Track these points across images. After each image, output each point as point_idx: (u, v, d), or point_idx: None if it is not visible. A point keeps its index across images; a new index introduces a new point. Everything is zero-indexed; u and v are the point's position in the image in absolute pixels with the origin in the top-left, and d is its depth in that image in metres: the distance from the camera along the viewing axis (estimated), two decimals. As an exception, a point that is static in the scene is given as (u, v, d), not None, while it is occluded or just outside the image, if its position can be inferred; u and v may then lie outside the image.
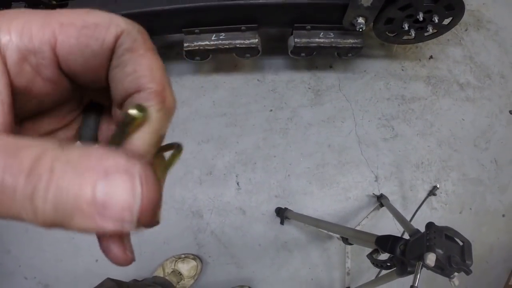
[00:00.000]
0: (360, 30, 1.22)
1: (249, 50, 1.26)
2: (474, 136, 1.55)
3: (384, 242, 0.90)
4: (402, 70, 1.52)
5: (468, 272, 0.77)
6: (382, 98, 1.46)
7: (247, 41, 1.24)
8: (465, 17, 1.73)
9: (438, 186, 1.44)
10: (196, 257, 1.25)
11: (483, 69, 1.66)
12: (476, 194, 1.51)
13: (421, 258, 0.76)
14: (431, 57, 1.58)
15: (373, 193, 1.36)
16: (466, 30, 1.69)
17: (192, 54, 1.28)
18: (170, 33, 1.32)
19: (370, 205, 1.35)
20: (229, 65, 1.42)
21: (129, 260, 0.17)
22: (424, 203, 1.41)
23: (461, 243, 0.82)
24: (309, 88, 1.42)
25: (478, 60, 1.66)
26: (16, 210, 0.13)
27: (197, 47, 1.25)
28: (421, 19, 1.25)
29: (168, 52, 1.42)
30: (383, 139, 1.42)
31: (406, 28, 1.30)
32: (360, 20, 1.21)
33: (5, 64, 0.15)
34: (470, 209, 1.50)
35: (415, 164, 1.43)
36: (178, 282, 1.21)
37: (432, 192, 1.43)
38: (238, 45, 1.25)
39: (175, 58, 1.41)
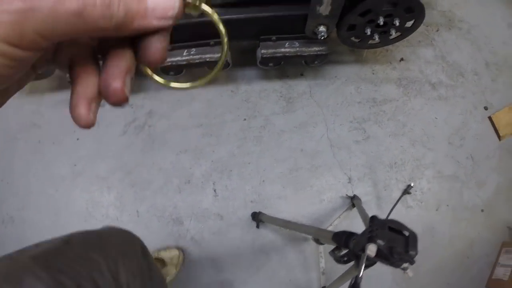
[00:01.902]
0: (322, 38, 1.28)
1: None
2: (448, 134, 1.59)
3: (340, 238, 0.95)
4: (373, 73, 1.57)
5: (411, 262, 0.81)
6: (353, 102, 1.51)
7: (216, 55, 1.31)
8: (437, 18, 1.78)
9: (412, 184, 1.47)
10: (179, 249, 1.29)
11: (456, 68, 1.69)
12: (452, 190, 1.54)
13: (364, 249, 0.81)
14: (401, 59, 1.63)
15: (346, 194, 1.40)
16: (437, 30, 1.74)
17: (166, 70, 1.36)
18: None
19: (344, 206, 1.39)
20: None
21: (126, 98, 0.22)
22: (400, 202, 1.45)
23: (407, 234, 0.86)
24: (281, 96, 1.48)
25: (450, 59, 1.70)
26: (96, 18, 0.18)
27: (170, 63, 1.33)
28: (381, 23, 1.30)
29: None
30: (355, 142, 1.47)
31: (369, 33, 1.35)
32: (322, 28, 1.27)
33: None
34: (447, 205, 1.52)
35: (388, 164, 1.48)
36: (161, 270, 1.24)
37: (407, 190, 1.46)
38: (208, 59, 1.32)
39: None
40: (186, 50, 1.34)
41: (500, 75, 1.77)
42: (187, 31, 1.29)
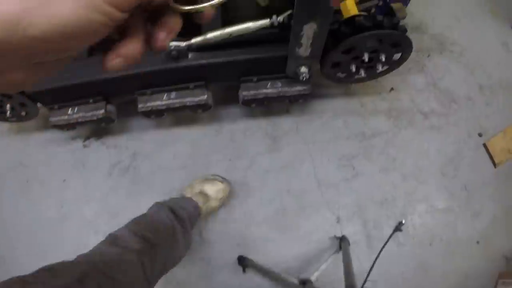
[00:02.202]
0: (304, 79, 1.25)
1: (200, 107, 1.31)
2: (441, 165, 1.54)
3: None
4: (361, 106, 1.53)
5: None
6: (342, 137, 1.47)
7: (196, 99, 1.28)
8: (427, 42, 1.73)
9: (403, 221, 1.44)
10: (224, 180, 1.30)
11: (448, 94, 1.65)
12: (446, 224, 1.50)
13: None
14: (391, 89, 1.59)
15: (335, 235, 1.37)
16: (428, 56, 1.69)
17: (147, 114, 1.34)
18: (126, 95, 1.38)
19: (333, 247, 1.36)
20: (187, 118, 1.47)
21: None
22: (391, 239, 1.42)
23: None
24: (266, 135, 1.45)
25: (442, 85, 1.65)
26: None
27: (150, 108, 1.31)
28: (367, 60, 1.26)
29: (130, 108, 1.48)
30: (344, 179, 1.43)
31: (354, 70, 1.31)
32: (303, 69, 1.24)
33: None
34: (441, 240, 1.49)
35: (379, 202, 1.44)
36: (205, 203, 1.27)
37: (398, 228, 1.43)
38: (188, 104, 1.29)
39: (136, 114, 1.47)
40: (166, 94, 1.31)
41: (495, 98, 1.72)
42: (167, 75, 1.27)
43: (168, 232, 1.02)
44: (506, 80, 1.77)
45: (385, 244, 1.39)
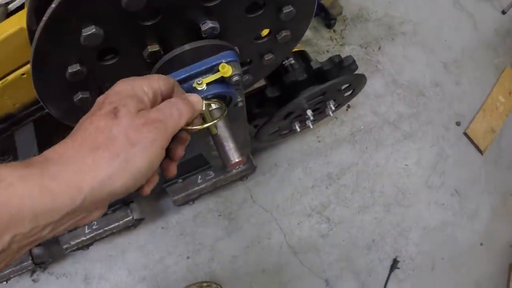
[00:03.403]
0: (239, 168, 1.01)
1: (130, 226, 1.07)
2: (424, 178, 1.35)
3: None
4: (319, 141, 1.29)
5: None
6: (305, 188, 1.25)
7: (121, 222, 1.06)
8: (374, 31, 1.45)
9: (398, 257, 1.27)
10: (218, 286, 1.19)
11: (413, 88, 1.41)
12: (444, 240, 1.35)
13: None
14: (348, 107, 1.34)
15: (328, 303, 1.21)
16: (379, 48, 1.42)
17: (75, 249, 1.10)
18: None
19: (330, 316, 1.21)
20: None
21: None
22: (390, 280, 1.26)
23: None
24: (220, 215, 1.22)
25: (403, 79, 1.41)
26: (181, 121, 0.36)
27: (75, 246, 1.07)
28: (311, 117, 1.01)
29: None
30: (321, 236, 1.24)
31: (297, 127, 1.07)
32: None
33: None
34: (443, 259, 1.34)
35: (366, 246, 1.26)
36: None
37: (394, 266, 1.27)
38: (115, 230, 1.06)
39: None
40: (87, 227, 1.07)
41: (463, 73, 1.49)
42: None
43: None
44: (469, 46, 1.53)
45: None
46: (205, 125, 0.43)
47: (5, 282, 1.19)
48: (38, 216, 0.26)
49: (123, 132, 0.30)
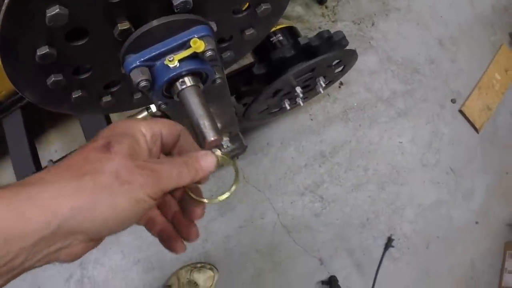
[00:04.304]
0: (228, 148, 0.99)
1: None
2: (419, 156, 1.33)
3: None
4: (311, 119, 1.27)
5: None
6: (298, 167, 1.23)
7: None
8: (368, 7, 1.42)
9: (392, 236, 1.26)
10: (212, 267, 1.20)
11: (407, 65, 1.38)
12: (439, 218, 1.34)
13: None
14: (340, 84, 1.31)
15: (321, 281, 1.20)
16: (373, 25, 1.39)
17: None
18: None
19: (324, 295, 1.20)
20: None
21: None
22: (384, 258, 1.25)
23: None
24: (212, 195, 1.20)
25: (397, 56, 1.38)
26: (186, 180, 0.33)
27: None
28: (301, 95, 0.98)
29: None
30: (314, 215, 1.22)
31: (287, 105, 1.04)
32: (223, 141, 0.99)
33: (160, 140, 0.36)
34: (438, 237, 1.33)
35: (360, 224, 1.25)
36: None
37: (389, 244, 1.26)
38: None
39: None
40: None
41: (459, 50, 1.46)
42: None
43: None
44: (465, 22, 1.50)
45: (378, 267, 1.23)
46: (205, 201, 0.38)
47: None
48: (9, 239, 0.24)
49: (114, 168, 0.29)
